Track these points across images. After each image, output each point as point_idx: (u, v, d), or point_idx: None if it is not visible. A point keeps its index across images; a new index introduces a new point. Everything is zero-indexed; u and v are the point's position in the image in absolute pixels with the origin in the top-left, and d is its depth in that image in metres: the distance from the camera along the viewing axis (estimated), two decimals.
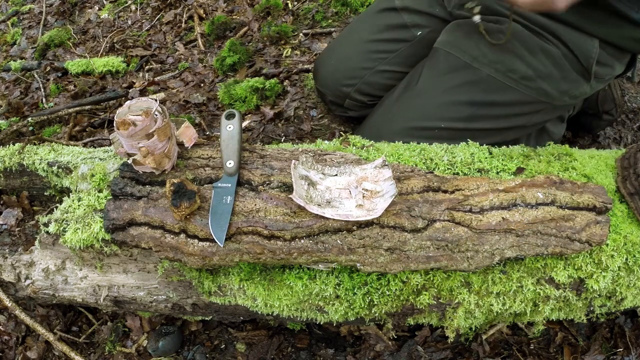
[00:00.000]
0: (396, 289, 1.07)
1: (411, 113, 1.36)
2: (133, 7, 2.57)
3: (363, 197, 1.02)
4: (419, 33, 1.24)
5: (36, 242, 1.18)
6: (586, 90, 1.31)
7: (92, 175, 1.19)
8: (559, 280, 1.07)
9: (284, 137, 1.85)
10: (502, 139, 1.36)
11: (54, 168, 1.30)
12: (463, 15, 1.37)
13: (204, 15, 2.42)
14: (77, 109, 1.97)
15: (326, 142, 1.30)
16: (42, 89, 2.17)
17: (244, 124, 1.89)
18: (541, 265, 1.07)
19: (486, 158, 1.20)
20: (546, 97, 1.29)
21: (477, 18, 1.03)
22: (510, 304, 1.09)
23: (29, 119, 1.90)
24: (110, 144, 1.71)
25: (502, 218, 1.01)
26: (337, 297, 1.08)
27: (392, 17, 1.52)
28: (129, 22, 2.50)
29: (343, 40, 1.67)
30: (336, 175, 1.07)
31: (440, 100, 1.32)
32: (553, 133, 1.50)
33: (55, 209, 1.18)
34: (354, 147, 1.23)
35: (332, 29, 2.23)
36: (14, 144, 1.42)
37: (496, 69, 1.25)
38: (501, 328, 1.35)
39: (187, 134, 1.12)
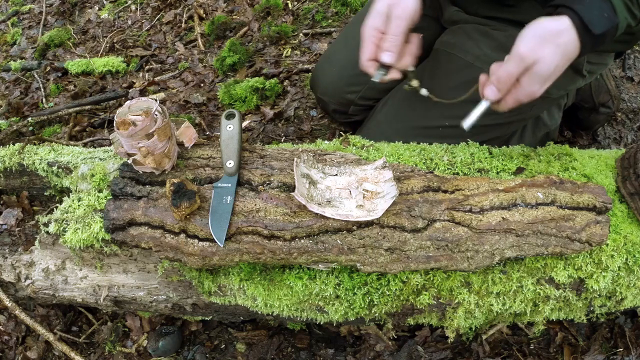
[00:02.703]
0: (396, 289, 1.07)
1: (416, 113, 1.36)
2: (133, 7, 2.57)
3: (363, 197, 1.02)
4: (421, 36, 1.24)
5: (36, 242, 1.18)
6: (581, 83, 1.39)
7: (92, 175, 1.19)
8: (559, 280, 1.07)
9: (284, 137, 1.85)
10: (501, 133, 1.38)
11: (54, 168, 1.30)
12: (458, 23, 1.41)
13: (204, 15, 2.42)
14: (77, 109, 1.97)
15: (326, 142, 1.30)
16: (42, 89, 2.17)
17: (244, 124, 1.89)
18: (541, 265, 1.07)
19: (486, 158, 1.20)
20: (546, 92, 1.30)
21: (424, 91, 1.11)
22: (510, 304, 1.09)
23: (29, 119, 1.90)
24: (110, 144, 1.71)
25: (502, 218, 1.01)
26: (337, 297, 1.08)
27: None
28: (129, 22, 2.50)
29: (341, 47, 1.66)
30: (336, 175, 1.07)
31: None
32: (549, 122, 1.52)
33: (55, 209, 1.18)
34: (354, 147, 1.23)
35: (332, 29, 2.23)
36: (14, 144, 1.42)
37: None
38: (501, 328, 1.35)
39: (187, 134, 1.12)
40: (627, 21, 0.98)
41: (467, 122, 1.04)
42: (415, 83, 1.10)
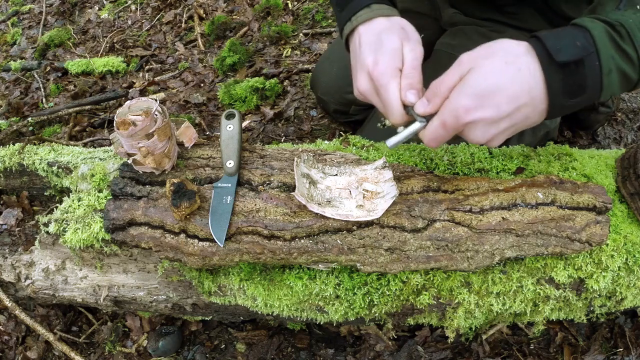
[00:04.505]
0: (396, 289, 1.07)
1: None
2: (133, 7, 2.57)
3: (363, 197, 1.02)
4: (422, 36, 1.25)
5: (36, 242, 1.18)
6: None
7: (92, 175, 1.19)
8: (559, 280, 1.07)
9: (284, 137, 1.85)
10: None
11: (54, 168, 1.30)
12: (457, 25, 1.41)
13: (204, 15, 2.42)
14: (77, 109, 1.97)
15: (326, 142, 1.30)
16: (42, 89, 2.17)
17: (244, 124, 1.89)
18: (541, 265, 1.07)
19: (486, 158, 1.20)
20: None
21: (401, 129, 0.94)
22: (510, 304, 1.09)
23: (29, 119, 1.91)
24: (110, 144, 1.71)
25: (502, 218, 1.01)
26: (337, 297, 1.08)
27: None
28: (129, 22, 2.50)
29: (342, 47, 1.65)
30: (336, 175, 1.07)
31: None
32: (548, 122, 1.51)
33: (55, 209, 1.18)
34: (354, 147, 1.23)
35: (332, 29, 2.23)
36: (14, 144, 1.42)
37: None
38: (501, 328, 1.35)
39: (187, 134, 1.12)
40: (615, 62, 0.79)
41: (391, 142, 0.90)
42: (389, 122, 0.99)
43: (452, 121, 0.82)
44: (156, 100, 1.03)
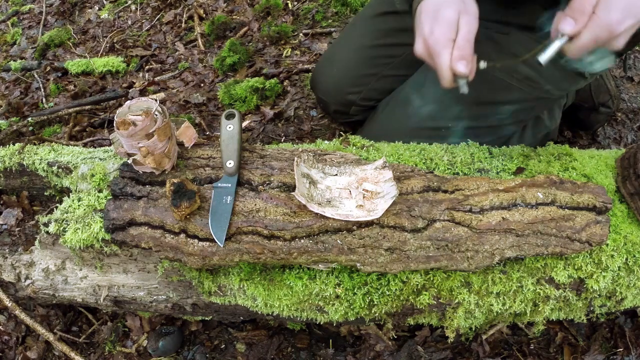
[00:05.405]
0: (396, 289, 1.07)
1: (420, 114, 1.36)
2: (133, 7, 2.57)
3: (363, 197, 1.02)
4: None
5: (36, 242, 1.18)
6: (582, 84, 1.38)
7: (92, 175, 1.19)
8: (559, 280, 1.07)
9: (284, 137, 1.85)
10: (503, 133, 1.39)
11: (54, 168, 1.30)
12: None
13: (204, 15, 2.42)
14: (77, 109, 1.97)
15: (326, 142, 1.30)
16: (42, 89, 2.17)
17: (244, 124, 1.89)
18: (541, 265, 1.07)
19: (486, 158, 1.20)
20: (547, 94, 1.31)
21: (482, 64, 1.04)
22: (510, 304, 1.09)
23: (29, 119, 1.90)
24: (110, 144, 1.71)
25: (502, 218, 1.01)
26: (337, 297, 1.08)
27: (394, 20, 1.51)
28: (129, 22, 2.50)
29: (342, 47, 1.65)
30: (336, 175, 1.07)
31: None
32: (549, 123, 1.51)
33: (55, 209, 1.18)
34: (354, 147, 1.23)
35: (332, 29, 2.23)
36: (14, 144, 1.42)
37: (501, 69, 1.26)
38: (501, 328, 1.35)
39: (187, 134, 1.12)
40: None
41: (544, 57, 0.97)
42: (482, 65, 1.04)
43: (605, 35, 0.90)
44: (156, 100, 1.03)
